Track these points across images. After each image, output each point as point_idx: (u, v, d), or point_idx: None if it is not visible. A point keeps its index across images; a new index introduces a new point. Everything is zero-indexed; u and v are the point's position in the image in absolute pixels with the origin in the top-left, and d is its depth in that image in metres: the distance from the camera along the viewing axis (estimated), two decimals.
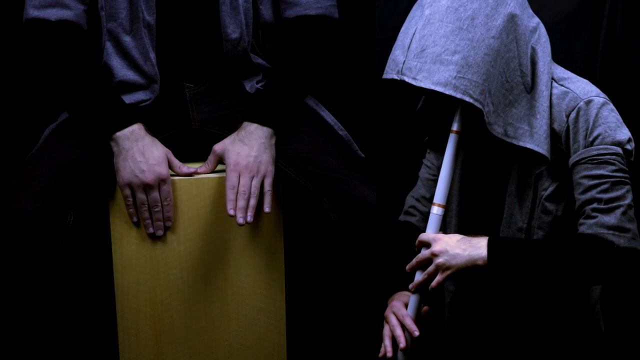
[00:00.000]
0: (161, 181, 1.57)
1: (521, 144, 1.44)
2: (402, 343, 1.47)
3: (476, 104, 1.39)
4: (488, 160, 1.58)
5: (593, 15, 2.04)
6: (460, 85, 1.38)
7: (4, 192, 1.55)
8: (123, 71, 1.69)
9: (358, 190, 1.62)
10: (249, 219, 1.57)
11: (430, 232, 1.48)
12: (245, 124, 1.63)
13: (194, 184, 1.63)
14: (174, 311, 1.67)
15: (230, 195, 1.56)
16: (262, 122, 1.62)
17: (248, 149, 1.60)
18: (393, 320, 1.51)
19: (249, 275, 1.69)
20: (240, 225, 1.56)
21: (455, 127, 1.48)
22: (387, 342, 1.49)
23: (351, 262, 1.67)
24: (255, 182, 1.59)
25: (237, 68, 1.75)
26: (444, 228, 1.61)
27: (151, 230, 1.60)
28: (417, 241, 1.49)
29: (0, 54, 2.04)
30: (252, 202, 1.58)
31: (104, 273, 1.67)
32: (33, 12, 1.61)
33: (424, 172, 1.76)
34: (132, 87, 1.70)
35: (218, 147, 1.62)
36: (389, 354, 1.48)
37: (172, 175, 1.61)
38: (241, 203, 1.56)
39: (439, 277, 1.43)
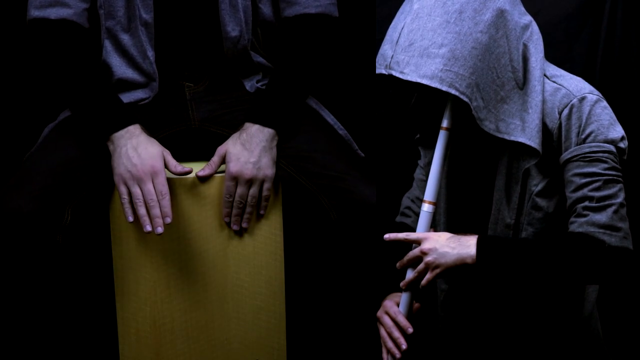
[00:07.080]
0: (154, 174, 1.53)
1: (512, 138, 1.42)
2: (404, 345, 1.47)
3: (462, 97, 1.37)
4: (476, 156, 1.56)
5: (593, 15, 2.04)
6: (446, 78, 1.37)
7: (1, 191, 1.55)
8: (122, 69, 1.69)
9: (358, 189, 1.62)
10: (244, 224, 1.63)
11: (420, 230, 1.47)
12: (247, 125, 1.63)
13: (194, 184, 1.63)
14: (174, 311, 1.67)
15: (226, 203, 1.61)
16: (264, 123, 1.62)
17: (248, 154, 1.59)
18: (387, 321, 1.51)
19: (248, 275, 1.69)
20: (235, 230, 1.63)
21: (445, 123, 1.47)
22: (390, 345, 1.49)
23: (351, 261, 1.67)
24: (253, 191, 1.61)
25: (237, 67, 1.75)
26: (434, 226, 1.61)
27: (149, 228, 1.52)
28: (407, 239, 1.47)
29: (0, 54, 2.04)
30: (248, 210, 1.62)
31: (103, 273, 1.67)
32: (34, 13, 1.62)
33: (418, 173, 1.76)
34: (131, 85, 1.70)
35: (221, 149, 1.63)
36: (398, 355, 1.47)
37: (169, 178, 1.61)
38: (236, 211, 1.62)
39: (428, 276, 1.42)
